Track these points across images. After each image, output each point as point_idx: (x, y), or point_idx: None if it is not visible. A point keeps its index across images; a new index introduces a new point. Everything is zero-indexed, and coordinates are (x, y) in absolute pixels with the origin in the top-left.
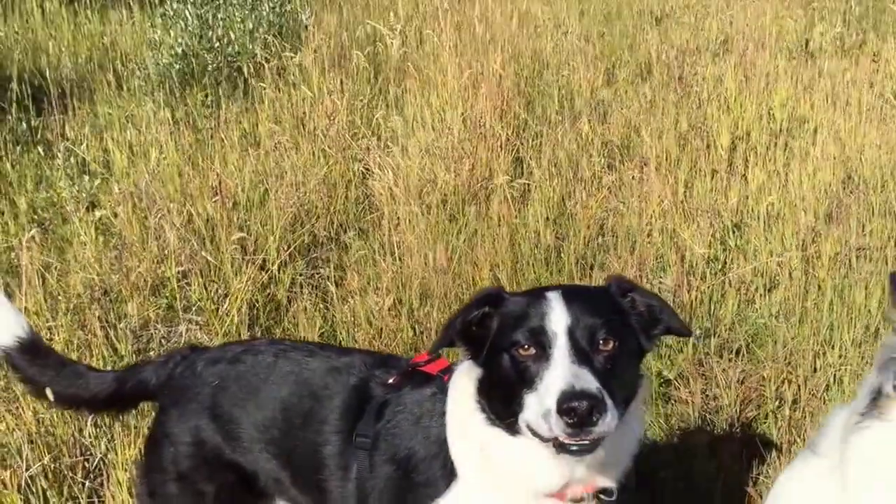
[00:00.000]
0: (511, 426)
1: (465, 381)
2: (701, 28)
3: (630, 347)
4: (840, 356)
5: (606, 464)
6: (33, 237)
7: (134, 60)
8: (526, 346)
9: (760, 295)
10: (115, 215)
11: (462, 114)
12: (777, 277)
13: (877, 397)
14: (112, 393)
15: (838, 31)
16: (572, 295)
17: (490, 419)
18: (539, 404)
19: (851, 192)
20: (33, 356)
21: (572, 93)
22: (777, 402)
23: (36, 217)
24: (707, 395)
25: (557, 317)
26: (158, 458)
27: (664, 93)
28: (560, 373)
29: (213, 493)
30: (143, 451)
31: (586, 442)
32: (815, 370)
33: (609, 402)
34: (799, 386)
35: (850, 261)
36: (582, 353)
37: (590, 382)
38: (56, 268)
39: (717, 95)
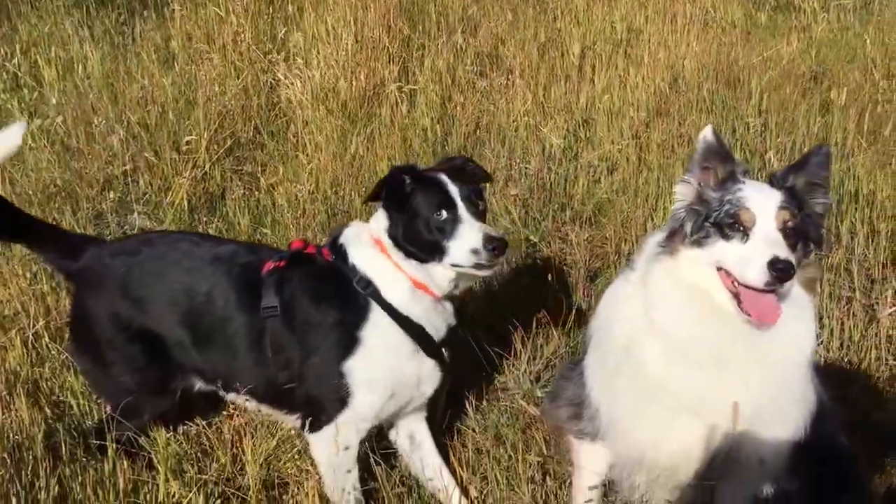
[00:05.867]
0: (427, 259)
1: (366, 233)
2: None
3: (484, 199)
4: (663, 219)
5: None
6: None
7: None
8: (440, 213)
9: (604, 176)
10: (61, 122)
11: (354, 31)
12: (617, 161)
13: (672, 235)
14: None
15: None
16: (453, 174)
17: (407, 253)
18: (463, 247)
19: (676, 92)
20: None
21: (447, 10)
22: (616, 256)
23: None
24: (564, 253)
25: (454, 191)
26: (88, 333)
27: (524, 8)
28: (474, 226)
29: (139, 349)
30: (72, 333)
31: (497, 265)
32: (645, 231)
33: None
34: (633, 243)
35: (672, 146)
36: (473, 212)
37: (492, 230)
38: (9, 171)
39: (569, 11)
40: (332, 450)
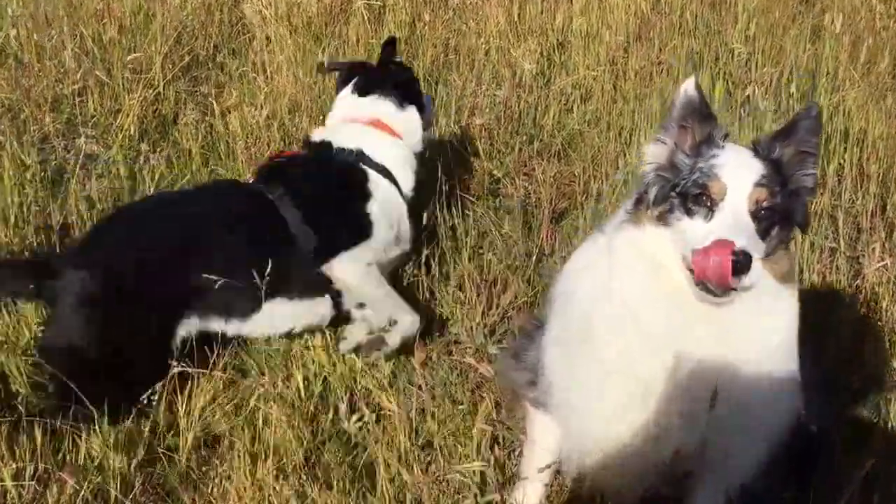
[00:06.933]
0: None
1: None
2: None
3: None
4: (637, 157)
5: None
6: None
7: None
8: None
9: (577, 105)
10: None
11: None
12: (591, 89)
13: (639, 202)
14: None
15: None
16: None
17: None
18: None
19: (658, 13)
20: None
21: None
22: (584, 196)
23: None
24: (528, 190)
25: None
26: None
27: None
28: None
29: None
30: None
31: None
32: (617, 167)
33: None
34: (602, 181)
35: (650, 74)
36: None
37: None
38: None
39: None
40: (361, 267)
